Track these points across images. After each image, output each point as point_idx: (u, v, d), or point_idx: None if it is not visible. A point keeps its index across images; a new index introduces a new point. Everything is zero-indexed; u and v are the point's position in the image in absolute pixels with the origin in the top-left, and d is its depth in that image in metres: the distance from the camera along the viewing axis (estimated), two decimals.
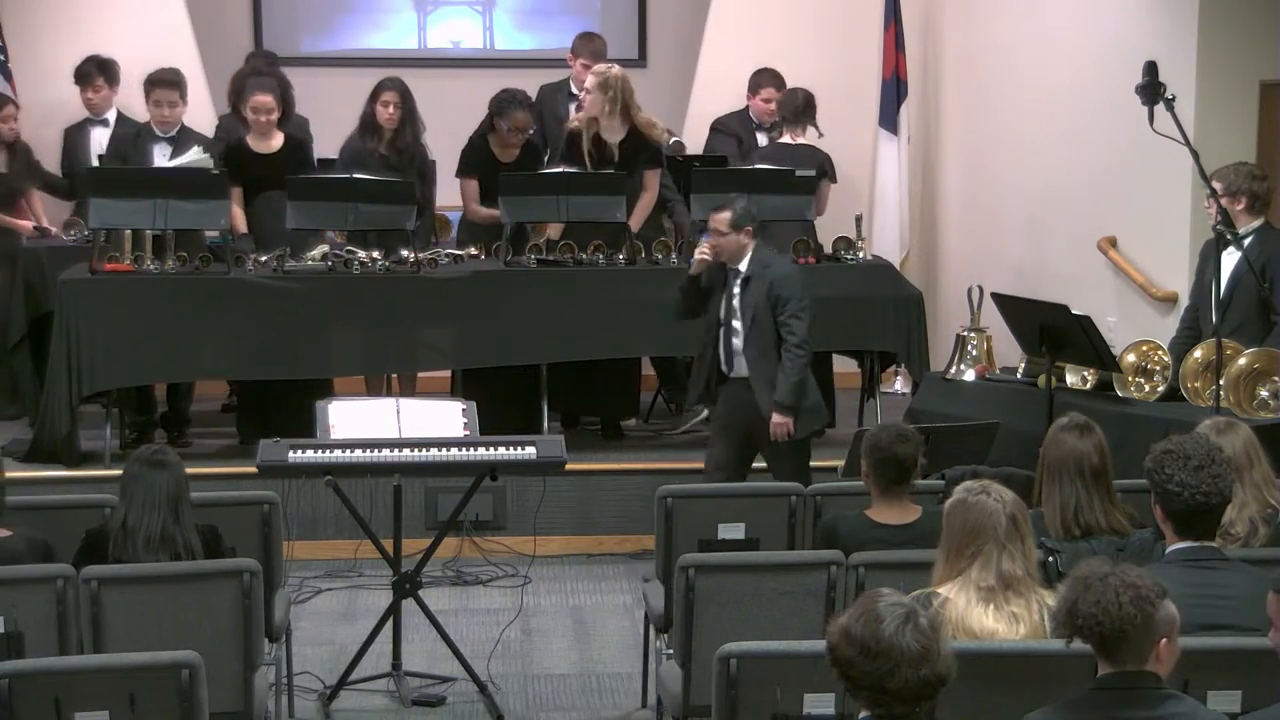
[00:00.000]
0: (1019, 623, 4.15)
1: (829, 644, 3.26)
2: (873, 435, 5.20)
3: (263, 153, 8.38)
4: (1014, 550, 4.19)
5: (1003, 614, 4.15)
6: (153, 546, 5.02)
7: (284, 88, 8.54)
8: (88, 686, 4.19)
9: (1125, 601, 3.38)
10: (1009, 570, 4.17)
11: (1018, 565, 4.19)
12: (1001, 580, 4.17)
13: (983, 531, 4.21)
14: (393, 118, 8.35)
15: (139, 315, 7.82)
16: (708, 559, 5.13)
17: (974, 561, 4.19)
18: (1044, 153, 9.09)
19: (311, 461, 6.10)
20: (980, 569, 4.19)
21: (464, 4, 10.81)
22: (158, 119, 8.52)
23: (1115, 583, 3.41)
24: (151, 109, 8.54)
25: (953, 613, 4.11)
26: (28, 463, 7.83)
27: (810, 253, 8.34)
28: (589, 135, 8.29)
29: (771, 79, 9.42)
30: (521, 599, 7.22)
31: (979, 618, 4.14)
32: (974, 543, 4.21)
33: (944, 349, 8.55)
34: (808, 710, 4.12)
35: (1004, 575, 4.17)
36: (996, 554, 4.19)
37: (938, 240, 10.35)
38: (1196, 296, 7.24)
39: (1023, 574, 4.19)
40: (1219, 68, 7.82)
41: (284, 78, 8.75)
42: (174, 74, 8.59)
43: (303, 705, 6.07)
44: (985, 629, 4.13)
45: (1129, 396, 6.93)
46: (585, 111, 8.33)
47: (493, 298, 8.08)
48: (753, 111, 9.51)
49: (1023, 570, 4.19)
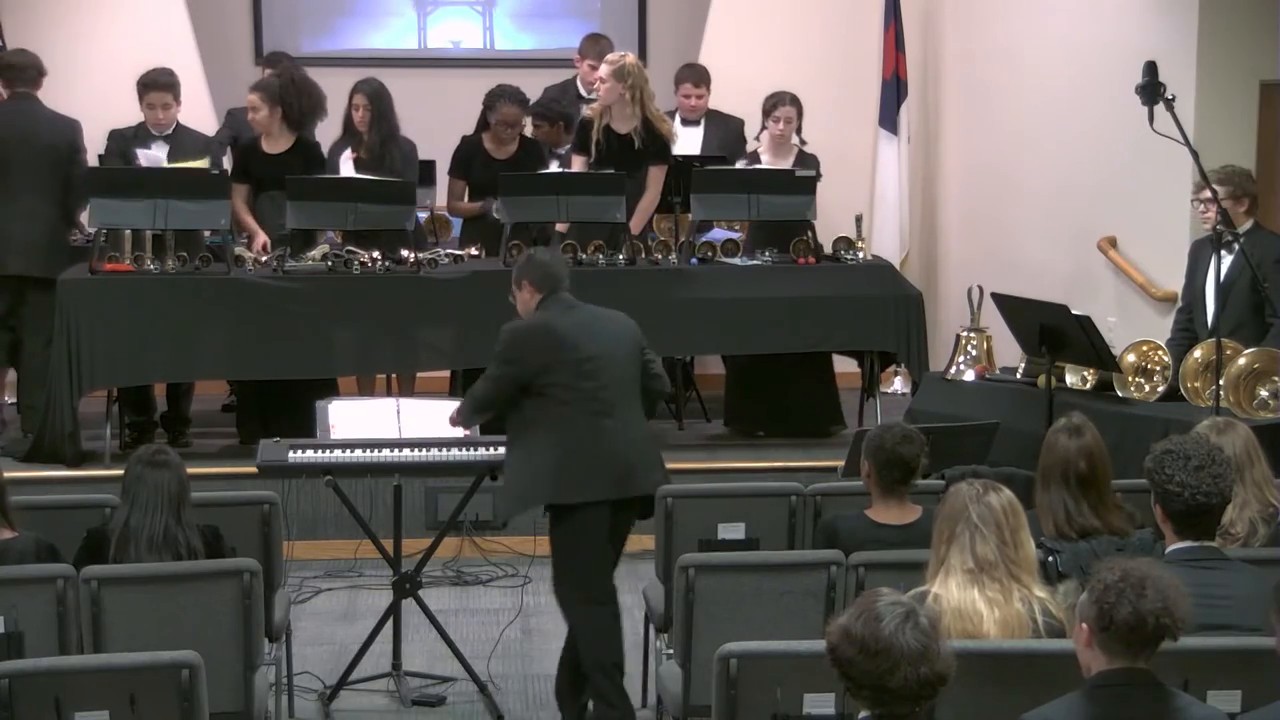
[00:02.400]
0: (994, 608, 4.14)
1: (829, 643, 3.26)
2: (876, 435, 5.19)
3: (271, 153, 8.37)
4: (987, 533, 4.18)
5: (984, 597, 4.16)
6: (155, 547, 5.02)
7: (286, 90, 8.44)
8: (88, 686, 4.19)
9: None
10: (982, 553, 4.17)
11: (990, 549, 4.17)
12: (978, 563, 4.17)
13: (954, 515, 4.23)
14: (363, 120, 8.34)
15: (139, 315, 7.82)
16: (708, 559, 5.12)
17: (951, 546, 4.21)
18: (1044, 153, 9.10)
19: (311, 461, 6.11)
20: (957, 553, 4.20)
21: (464, 4, 10.81)
22: (152, 121, 8.48)
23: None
24: (145, 111, 8.48)
25: (947, 603, 4.11)
26: (28, 463, 7.83)
27: (810, 253, 8.34)
28: (600, 125, 8.28)
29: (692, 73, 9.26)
30: (521, 599, 7.22)
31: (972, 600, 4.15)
32: (948, 527, 4.24)
33: (944, 349, 8.55)
34: (808, 710, 4.12)
35: (978, 558, 4.17)
36: (969, 535, 4.19)
37: (938, 240, 10.35)
38: (1189, 298, 7.25)
39: (996, 559, 4.17)
40: (1219, 68, 7.83)
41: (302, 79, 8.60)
42: (166, 75, 8.50)
43: (303, 705, 6.07)
44: (979, 611, 4.14)
45: (1129, 396, 6.94)
46: (601, 100, 8.29)
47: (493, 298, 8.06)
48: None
49: (996, 555, 4.17)
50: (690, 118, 9.20)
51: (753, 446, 8.55)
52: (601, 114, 8.27)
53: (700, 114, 9.19)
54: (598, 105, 8.30)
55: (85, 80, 9.49)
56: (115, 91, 8.96)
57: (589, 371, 5.62)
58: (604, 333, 5.73)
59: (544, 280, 5.77)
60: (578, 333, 5.67)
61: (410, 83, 8.80)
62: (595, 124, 8.26)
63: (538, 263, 5.85)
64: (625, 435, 5.66)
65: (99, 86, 9.40)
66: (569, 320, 5.70)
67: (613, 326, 5.78)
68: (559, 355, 5.61)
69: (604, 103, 8.24)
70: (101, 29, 9.87)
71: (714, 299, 8.20)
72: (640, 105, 8.21)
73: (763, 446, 8.52)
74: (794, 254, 8.32)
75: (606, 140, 8.25)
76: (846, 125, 9.86)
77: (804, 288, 8.26)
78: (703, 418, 9.07)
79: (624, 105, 8.20)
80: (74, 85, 9.25)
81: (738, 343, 8.46)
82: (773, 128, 8.63)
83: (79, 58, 9.37)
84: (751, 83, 9.09)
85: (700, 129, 9.20)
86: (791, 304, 8.21)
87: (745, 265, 8.34)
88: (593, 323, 5.75)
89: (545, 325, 5.70)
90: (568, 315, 5.72)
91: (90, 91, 9.45)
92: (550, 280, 5.77)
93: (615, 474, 5.63)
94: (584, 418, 5.61)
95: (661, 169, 8.35)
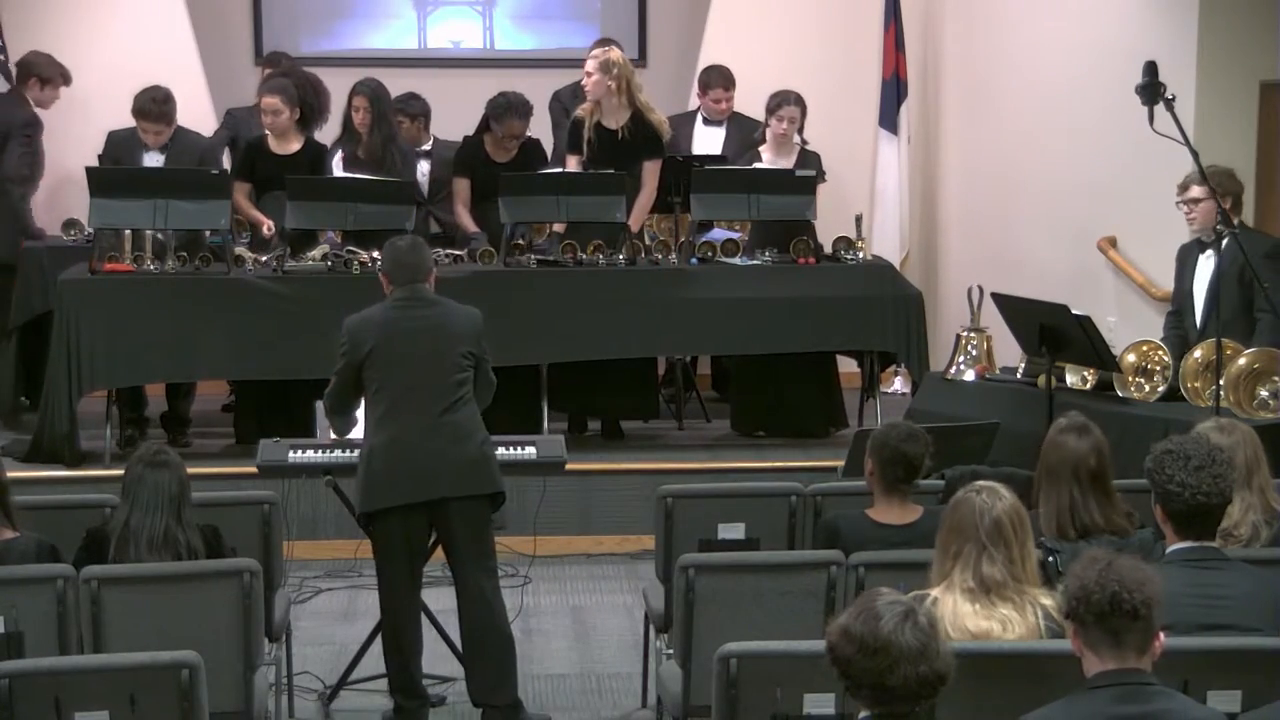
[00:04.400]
0: (1011, 626, 4.12)
1: (828, 643, 3.26)
2: (881, 433, 5.19)
3: (280, 154, 8.36)
4: (995, 554, 4.14)
5: (994, 617, 4.13)
6: (155, 547, 5.02)
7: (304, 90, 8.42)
8: (88, 686, 4.19)
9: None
10: (988, 574, 4.14)
11: (997, 569, 4.13)
12: (981, 584, 4.14)
13: (963, 532, 4.19)
14: (363, 121, 8.35)
15: (139, 315, 7.83)
16: (708, 559, 5.12)
17: (956, 562, 4.19)
18: (1044, 153, 9.09)
19: (311, 461, 6.12)
20: (961, 570, 4.17)
21: (464, 4, 10.81)
22: (148, 140, 8.40)
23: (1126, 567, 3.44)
24: (140, 132, 8.41)
25: (944, 612, 4.10)
26: (28, 463, 7.84)
27: (810, 253, 8.34)
28: (591, 123, 8.28)
29: (721, 78, 9.34)
30: (521, 599, 7.22)
31: (971, 618, 4.13)
32: (955, 542, 4.20)
33: (944, 349, 8.55)
34: (808, 710, 4.11)
35: (983, 579, 4.14)
36: (975, 556, 4.15)
37: (938, 240, 10.35)
38: (1179, 301, 7.24)
39: (1003, 578, 4.14)
40: (1219, 68, 7.83)
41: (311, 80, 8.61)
42: (160, 104, 8.34)
43: (303, 705, 6.07)
44: (979, 629, 4.12)
45: (1129, 396, 6.94)
46: (590, 96, 8.30)
47: (492, 298, 8.06)
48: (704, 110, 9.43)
49: (1003, 575, 4.14)
50: (715, 119, 9.23)
51: (753, 446, 8.55)
52: (592, 111, 8.28)
53: (727, 115, 9.22)
54: (588, 103, 8.31)
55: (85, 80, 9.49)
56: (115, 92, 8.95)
57: (401, 368, 5.60)
58: (428, 329, 5.66)
59: (394, 271, 5.77)
60: (397, 328, 5.65)
61: (410, 83, 8.80)
62: (586, 122, 8.27)
63: (389, 254, 5.84)
64: (428, 436, 5.60)
65: (99, 86, 9.40)
66: (397, 314, 5.69)
67: (442, 323, 5.69)
68: (374, 348, 5.61)
69: (593, 97, 8.26)
70: (101, 29, 9.87)
71: (714, 299, 8.20)
72: (628, 97, 8.22)
73: (763, 446, 8.53)
74: (794, 254, 8.32)
75: (598, 138, 8.26)
76: (846, 125, 9.86)
77: (804, 288, 8.26)
78: (703, 418, 9.07)
79: (612, 98, 8.22)
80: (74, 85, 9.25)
81: (738, 343, 8.47)
82: (775, 126, 8.62)
83: (79, 58, 9.36)
84: (752, 83, 9.10)
85: (723, 129, 9.24)
86: (791, 304, 8.22)
87: (745, 265, 8.34)
88: (422, 319, 5.69)
89: (368, 318, 5.70)
90: (399, 309, 5.70)
91: (90, 91, 9.47)
92: (400, 271, 5.75)
93: (412, 478, 5.61)
94: (391, 416, 5.61)
95: (656, 163, 8.35)
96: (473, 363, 5.70)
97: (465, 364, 5.67)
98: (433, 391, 5.62)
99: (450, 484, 5.63)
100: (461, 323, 5.71)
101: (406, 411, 5.61)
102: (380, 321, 5.68)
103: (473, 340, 5.71)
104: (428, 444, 5.60)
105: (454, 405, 5.64)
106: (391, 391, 5.62)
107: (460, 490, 5.64)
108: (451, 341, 5.67)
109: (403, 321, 5.67)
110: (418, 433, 5.60)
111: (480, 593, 5.77)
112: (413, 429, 5.61)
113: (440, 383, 5.63)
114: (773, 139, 8.66)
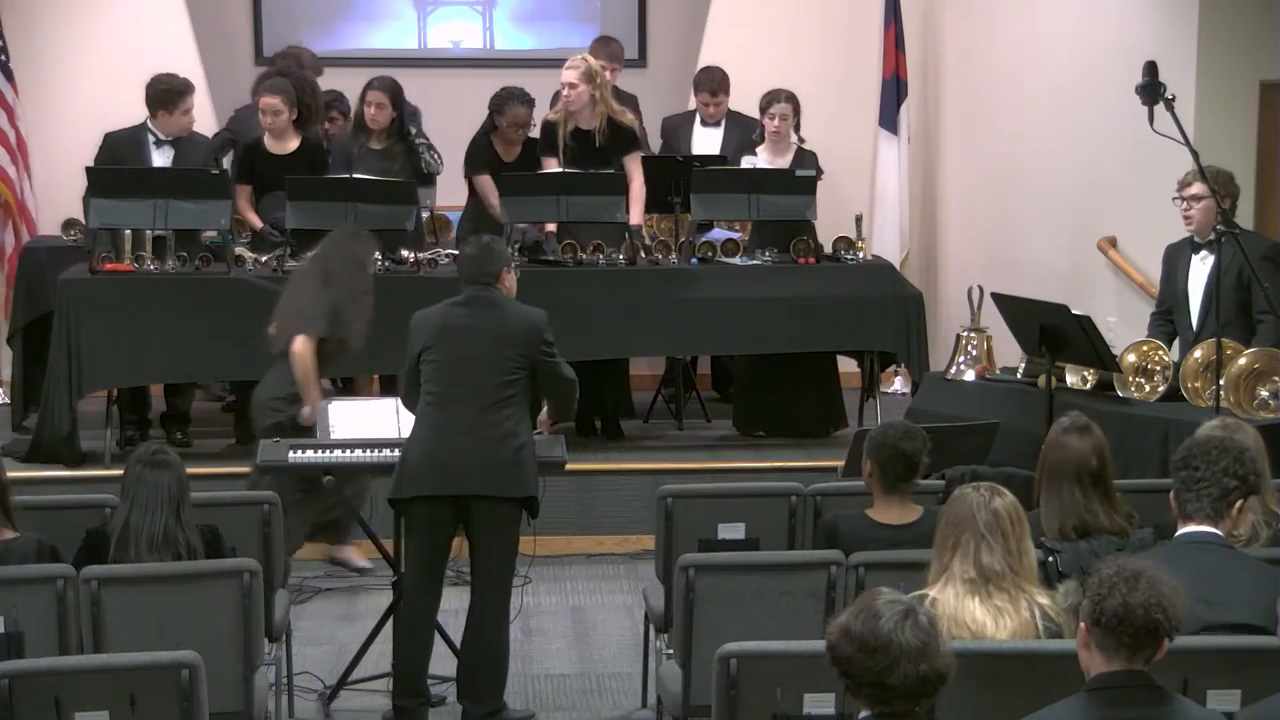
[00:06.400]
0: (1003, 616, 4.13)
1: (828, 642, 3.26)
2: (879, 432, 5.19)
3: (277, 154, 8.35)
4: (994, 543, 4.16)
5: (989, 607, 4.14)
6: (155, 547, 5.02)
7: (302, 90, 8.42)
8: (88, 686, 4.19)
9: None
10: (988, 564, 4.15)
11: (997, 559, 4.15)
12: (981, 573, 4.15)
13: (961, 522, 4.21)
14: (375, 118, 8.37)
15: (139, 315, 7.83)
16: (708, 559, 5.13)
17: (954, 553, 4.20)
18: (1044, 153, 9.10)
19: (311, 461, 6.12)
20: (960, 560, 4.18)
21: (464, 4, 10.81)
22: (181, 127, 8.32)
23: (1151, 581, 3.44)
24: (176, 117, 8.28)
25: (944, 609, 4.10)
26: (28, 463, 7.84)
27: (810, 253, 8.34)
28: (566, 129, 8.29)
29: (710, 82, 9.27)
30: (521, 599, 7.19)
31: (969, 610, 4.13)
32: (954, 534, 4.21)
33: (944, 349, 8.55)
34: (808, 710, 4.12)
35: (983, 569, 4.15)
36: (974, 545, 4.16)
37: (938, 240, 10.35)
38: (1169, 303, 7.22)
39: (1003, 569, 4.15)
40: (1219, 68, 7.83)
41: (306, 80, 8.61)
42: (184, 82, 8.32)
43: (303, 705, 6.07)
44: (976, 621, 4.12)
45: (1129, 396, 6.93)
46: (574, 104, 8.27)
47: None
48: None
49: (1002, 565, 4.15)
50: (711, 120, 9.23)
51: (753, 446, 8.55)
52: (566, 118, 8.28)
53: (720, 117, 9.22)
54: (567, 109, 8.28)
55: (85, 80, 9.50)
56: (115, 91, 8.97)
57: (449, 367, 5.70)
58: (480, 330, 5.73)
59: (460, 271, 6.04)
60: (450, 326, 5.75)
61: (410, 83, 8.79)
62: (561, 126, 8.28)
63: (461, 256, 6.05)
64: (464, 433, 5.66)
65: (99, 86, 9.41)
66: (453, 313, 5.80)
67: (495, 325, 5.74)
68: (427, 345, 5.74)
69: (576, 108, 8.25)
70: (102, 29, 9.86)
71: (714, 299, 8.20)
72: (605, 103, 8.24)
73: (763, 446, 8.52)
74: (794, 254, 8.32)
75: (576, 141, 8.27)
76: (846, 125, 9.86)
77: (804, 288, 8.27)
78: (703, 418, 9.07)
79: (590, 105, 8.23)
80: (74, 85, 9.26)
81: (738, 343, 8.47)
82: (769, 125, 8.64)
83: (79, 58, 9.37)
84: (752, 82, 9.10)
85: (720, 130, 9.24)
86: (791, 304, 8.22)
87: (745, 265, 8.34)
88: (476, 319, 5.77)
89: (427, 315, 5.84)
90: (455, 308, 5.81)
91: (90, 91, 9.47)
92: (465, 271, 5.94)
93: (439, 471, 5.66)
94: (433, 411, 5.71)
95: (636, 156, 8.37)
96: (523, 365, 5.73)
97: (513, 367, 5.71)
98: (477, 391, 5.69)
99: (478, 483, 5.67)
100: (516, 326, 5.77)
101: (448, 408, 5.69)
102: (437, 319, 5.80)
103: (527, 344, 5.75)
104: (462, 440, 5.66)
105: (495, 406, 5.69)
106: (438, 388, 5.71)
107: (487, 490, 5.67)
108: (501, 344, 5.72)
109: (456, 320, 5.77)
110: (455, 429, 5.67)
111: (483, 604, 5.83)
112: (451, 425, 5.68)
113: (485, 383, 5.69)
114: (768, 138, 8.67)
